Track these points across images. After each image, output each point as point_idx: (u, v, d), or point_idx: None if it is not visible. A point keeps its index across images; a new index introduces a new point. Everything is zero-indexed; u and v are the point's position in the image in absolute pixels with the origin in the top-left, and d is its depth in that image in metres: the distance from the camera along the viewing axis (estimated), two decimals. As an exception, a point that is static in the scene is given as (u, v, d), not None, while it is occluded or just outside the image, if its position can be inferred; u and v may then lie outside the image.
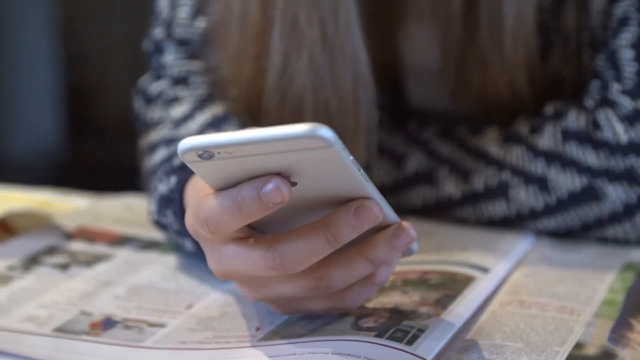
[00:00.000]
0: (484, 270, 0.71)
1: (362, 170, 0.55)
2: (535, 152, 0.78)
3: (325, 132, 0.51)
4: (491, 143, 0.81)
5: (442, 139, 0.83)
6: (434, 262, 0.72)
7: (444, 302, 0.65)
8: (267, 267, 0.57)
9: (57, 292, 0.71)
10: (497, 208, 0.80)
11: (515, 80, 0.80)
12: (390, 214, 0.59)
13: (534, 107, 0.81)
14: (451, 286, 0.68)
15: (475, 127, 0.83)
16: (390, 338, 0.59)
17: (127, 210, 0.89)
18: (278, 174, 0.55)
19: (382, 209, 0.57)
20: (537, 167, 0.78)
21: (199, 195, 0.59)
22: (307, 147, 0.52)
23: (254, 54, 0.78)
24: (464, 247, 0.76)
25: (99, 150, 3.51)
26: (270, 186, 0.54)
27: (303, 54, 0.76)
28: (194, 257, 0.76)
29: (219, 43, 0.83)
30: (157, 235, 0.81)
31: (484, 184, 0.80)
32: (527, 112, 0.81)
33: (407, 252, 0.62)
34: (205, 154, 0.53)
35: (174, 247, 0.79)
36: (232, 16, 0.79)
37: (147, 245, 0.80)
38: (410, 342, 0.59)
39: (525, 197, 0.78)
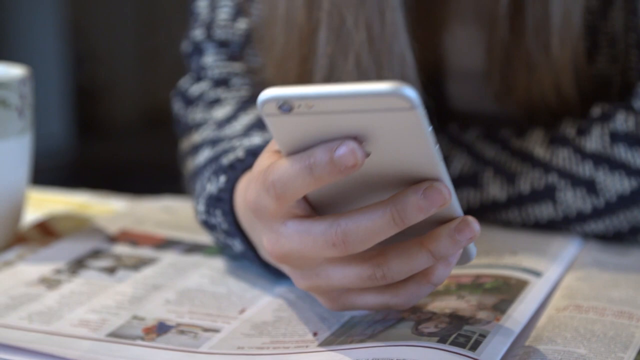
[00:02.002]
0: (537, 274, 0.70)
1: (437, 146, 0.55)
2: (583, 155, 0.78)
3: (410, 91, 0.51)
4: (537, 145, 0.80)
5: (486, 141, 0.82)
6: (486, 265, 0.72)
7: (501, 307, 0.64)
8: (329, 245, 0.56)
9: (107, 296, 0.70)
10: (544, 211, 0.79)
11: (562, 82, 0.80)
12: (456, 206, 0.58)
13: (580, 109, 0.81)
14: (506, 290, 0.67)
15: (519, 129, 0.82)
16: (453, 343, 0.58)
17: (167, 213, 0.88)
18: (353, 138, 0.54)
19: (451, 193, 0.56)
20: (585, 169, 0.77)
21: (262, 167, 0.58)
22: (389, 107, 0.52)
23: (299, 57, 0.78)
24: (514, 250, 0.75)
25: (107, 150, 3.51)
26: (344, 148, 0.53)
27: (349, 57, 0.75)
28: (241, 260, 0.76)
29: (263, 45, 0.82)
30: (200, 238, 0.81)
31: (530, 187, 0.79)
32: (573, 114, 0.81)
33: (466, 257, 0.61)
34: (285, 105, 0.53)
35: (218, 250, 0.78)
36: (277, 18, 0.78)
37: (191, 248, 0.80)
38: (473, 348, 0.58)
39: (572, 200, 0.78)
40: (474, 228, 0.58)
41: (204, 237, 0.81)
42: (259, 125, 0.80)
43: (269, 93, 0.53)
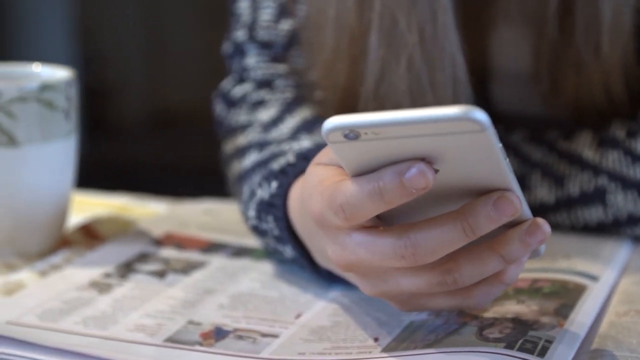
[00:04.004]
0: (593, 278, 0.70)
1: (507, 160, 0.54)
2: (633, 157, 0.77)
3: (480, 115, 0.50)
4: (585, 147, 0.79)
5: (532, 143, 0.81)
6: (541, 269, 0.71)
7: (563, 312, 0.64)
8: (397, 256, 0.56)
9: (160, 300, 0.69)
10: (594, 214, 0.78)
11: (611, 83, 0.79)
12: (526, 209, 0.57)
13: (629, 110, 0.80)
14: (565, 295, 0.67)
15: (566, 130, 0.81)
16: (521, 349, 0.58)
17: (209, 216, 0.87)
18: (421, 159, 0.53)
19: (522, 201, 0.56)
20: (636, 171, 0.77)
21: (326, 183, 0.57)
22: (458, 130, 0.51)
23: (349, 59, 0.77)
24: (566, 254, 0.74)
25: (115, 150, 3.50)
26: (414, 171, 0.53)
27: (401, 59, 0.74)
28: (290, 264, 0.75)
29: (310, 47, 0.81)
30: (246, 241, 0.80)
31: (580, 189, 0.78)
32: (622, 115, 0.80)
33: (535, 253, 0.60)
34: (352, 133, 0.52)
35: (266, 253, 0.78)
36: (327, 20, 0.77)
37: (238, 251, 0.79)
38: (541, 354, 0.57)
39: (623, 202, 0.77)
40: (545, 230, 0.57)
41: (250, 241, 0.80)
42: (306, 127, 0.79)
43: (335, 122, 0.52)
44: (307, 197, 0.60)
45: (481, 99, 0.86)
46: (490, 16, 0.83)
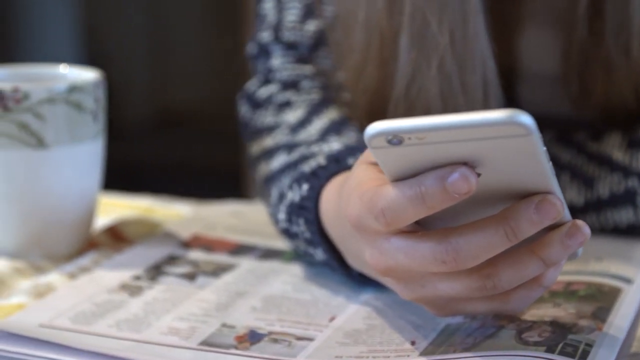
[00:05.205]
0: (627, 280, 0.69)
1: (550, 163, 0.53)
2: (664, 159, 0.77)
3: (526, 119, 0.50)
4: (614, 148, 0.79)
5: (560, 145, 0.81)
6: (574, 272, 0.71)
7: (601, 315, 0.63)
8: (437, 261, 0.55)
9: (192, 303, 0.69)
10: (624, 216, 0.78)
11: None
12: (566, 212, 0.57)
13: (660, 112, 0.80)
14: (601, 298, 0.66)
15: (594, 132, 0.81)
16: (562, 353, 0.57)
17: (236, 217, 0.87)
18: (463, 163, 0.53)
19: (564, 204, 0.55)
20: (667, 173, 0.76)
21: (364, 186, 0.57)
22: (503, 135, 0.50)
23: (379, 61, 0.76)
24: (598, 256, 0.74)
25: (120, 150, 3.49)
26: (456, 176, 0.52)
27: (433, 61, 0.74)
28: (320, 266, 0.74)
29: (338, 48, 0.81)
30: (274, 243, 0.80)
31: (609, 191, 0.78)
32: (652, 117, 0.80)
33: (573, 255, 0.60)
34: (395, 139, 0.51)
35: (295, 255, 0.77)
36: (356, 22, 0.77)
37: (267, 254, 0.78)
38: (583, 358, 0.57)
39: (654, 204, 0.77)
40: (585, 232, 0.57)
41: (278, 243, 0.79)
42: (334, 129, 0.79)
43: (378, 127, 0.51)
44: (345, 198, 0.60)
45: (508, 101, 0.86)
46: (518, 17, 0.83)
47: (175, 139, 3.16)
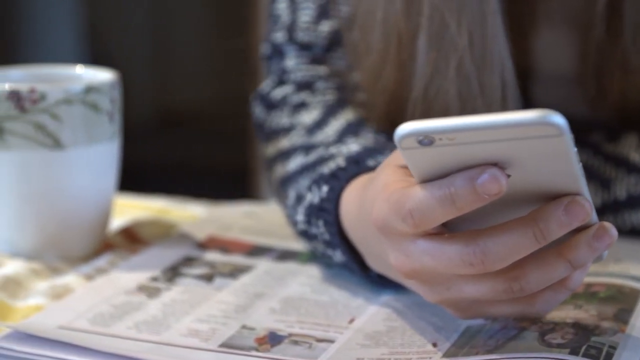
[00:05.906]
0: (647, 282, 0.69)
1: (580, 164, 0.53)
2: (681, 160, 0.76)
3: (558, 119, 0.50)
4: (631, 150, 0.79)
5: (576, 146, 0.80)
6: (593, 273, 0.70)
7: (623, 317, 0.63)
8: (465, 264, 0.55)
9: (210, 305, 0.69)
10: (641, 217, 0.78)
11: None
12: (593, 214, 0.57)
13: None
14: (622, 299, 0.66)
15: (610, 133, 0.81)
16: (585, 355, 0.57)
17: (251, 218, 0.87)
18: (493, 164, 0.52)
19: (592, 206, 0.55)
20: (684, 175, 0.76)
21: (390, 189, 0.57)
22: (534, 135, 0.50)
23: (397, 62, 0.76)
24: (617, 258, 0.74)
25: (122, 151, 3.49)
26: (486, 177, 0.52)
27: (451, 62, 0.73)
28: (338, 267, 0.74)
29: (355, 49, 0.80)
30: (290, 244, 0.80)
31: (627, 192, 0.78)
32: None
33: (599, 257, 0.59)
34: (426, 139, 0.51)
35: (312, 256, 0.77)
36: (374, 23, 0.76)
37: (284, 255, 0.78)
38: (607, 360, 0.57)
39: (671, 206, 0.77)
40: (612, 234, 0.56)
41: (295, 244, 0.79)
42: (351, 130, 0.79)
43: (409, 127, 0.51)
44: (370, 201, 0.60)
45: (524, 101, 0.85)
46: (533, 18, 0.83)
47: (177, 139, 3.16)
